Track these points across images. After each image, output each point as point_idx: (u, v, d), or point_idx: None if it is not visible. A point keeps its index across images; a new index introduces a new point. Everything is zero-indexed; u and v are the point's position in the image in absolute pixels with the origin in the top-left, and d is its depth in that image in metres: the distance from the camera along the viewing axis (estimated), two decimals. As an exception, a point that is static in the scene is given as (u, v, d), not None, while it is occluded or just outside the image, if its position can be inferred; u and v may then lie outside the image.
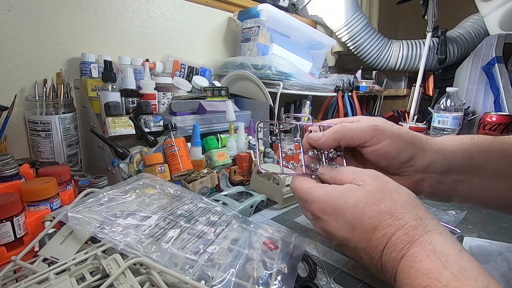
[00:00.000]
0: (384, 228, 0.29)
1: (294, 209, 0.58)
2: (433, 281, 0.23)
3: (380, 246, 0.29)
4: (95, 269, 0.30)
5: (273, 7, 0.99)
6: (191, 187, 0.57)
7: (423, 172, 0.37)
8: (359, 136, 0.37)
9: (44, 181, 0.42)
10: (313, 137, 0.40)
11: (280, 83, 0.90)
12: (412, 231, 0.28)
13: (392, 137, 0.36)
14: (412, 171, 0.37)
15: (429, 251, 0.25)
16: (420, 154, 0.36)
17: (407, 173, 0.37)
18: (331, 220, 0.33)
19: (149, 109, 0.68)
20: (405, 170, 0.37)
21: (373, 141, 0.36)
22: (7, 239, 0.35)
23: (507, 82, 1.09)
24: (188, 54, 1.01)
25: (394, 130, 0.36)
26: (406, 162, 0.36)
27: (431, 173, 0.37)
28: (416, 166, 0.37)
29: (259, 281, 0.31)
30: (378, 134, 0.36)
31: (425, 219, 0.29)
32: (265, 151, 0.76)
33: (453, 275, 0.23)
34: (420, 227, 0.28)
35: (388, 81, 1.50)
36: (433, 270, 0.24)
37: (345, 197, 0.32)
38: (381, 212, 0.29)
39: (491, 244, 0.44)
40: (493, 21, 1.20)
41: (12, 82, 0.67)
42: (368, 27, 1.34)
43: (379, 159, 0.37)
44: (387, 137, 0.36)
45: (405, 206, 0.29)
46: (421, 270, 0.25)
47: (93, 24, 0.78)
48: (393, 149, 0.36)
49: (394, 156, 0.36)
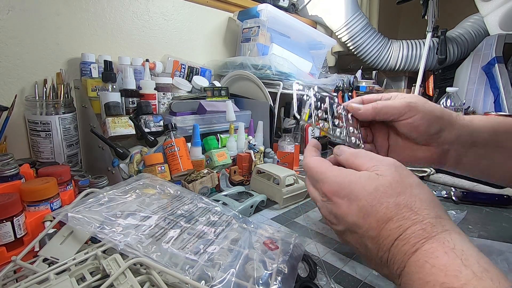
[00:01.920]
0: (400, 220, 0.28)
1: (294, 209, 0.58)
2: (451, 278, 0.23)
3: (391, 237, 0.28)
4: (95, 269, 0.30)
5: (273, 7, 0.99)
6: (191, 187, 0.57)
7: (450, 144, 0.41)
8: (393, 112, 0.40)
9: (44, 181, 0.42)
10: (353, 105, 0.43)
11: (280, 83, 0.89)
12: (429, 227, 0.27)
13: (423, 111, 0.39)
14: (440, 142, 0.41)
15: (447, 248, 0.25)
16: (449, 127, 0.40)
17: (435, 144, 0.41)
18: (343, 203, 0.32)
19: (149, 109, 0.68)
20: (434, 141, 0.41)
21: (405, 116, 0.40)
22: (7, 239, 0.35)
23: (507, 82, 1.09)
24: (188, 54, 1.01)
25: (426, 106, 0.40)
26: (435, 133, 0.40)
27: (457, 145, 0.41)
28: (443, 138, 0.40)
29: (259, 281, 0.31)
30: (411, 110, 0.39)
31: (444, 219, 0.28)
32: (265, 151, 0.76)
33: (474, 274, 0.23)
34: (439, 225, 0.27)
35: (388, 81, 1.50)
36: (451, 267, 0.23)
37: (363, 183, 0.31)
38: (399, 204, 0.29)
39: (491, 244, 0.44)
40: (493, 21, 1.20)
41: (12, 82, 0.67)
42: (368, 27, 1.34)
43: (411, 131, 0.40)
44: (419, 111, 0.39)
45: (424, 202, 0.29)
46: (438, 266, 0.24)
47: (93, 24, 0.78)
48: (424, 122, 0.39)
49: (424, 129, 0.40)
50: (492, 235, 0.50)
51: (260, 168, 0.63)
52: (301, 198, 0.62)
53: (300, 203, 0.61)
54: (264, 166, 0.64)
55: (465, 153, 0.41)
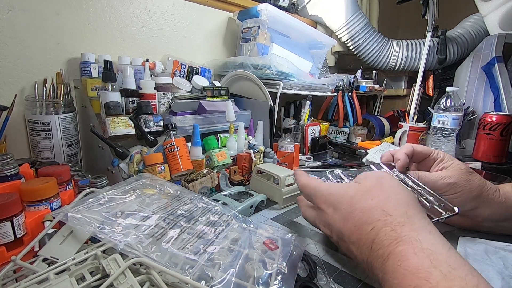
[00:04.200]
0: (373, 222, 0.29)
1: (294, 209, 0.58)
2: (422, 281, 0.23)
3: (368, 240, 0.29)
4: (95, 269, 0.30)
5: (273, 7, 0.98)
6: (191, 187, 0.57)
7: (483, 219, 0.44)
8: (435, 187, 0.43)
9: (44, 181, 0.42)
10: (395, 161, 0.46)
11: (280, 83, 0.89)
12: (399, 227, 0.28)
13: (462, 191, 0.42)
14: (474, 216, 0.44)
15: (417, 248, 0.25)
16: (483, 206, 0.43)
17: (469, 217, 0.44)
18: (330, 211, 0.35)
19: (149, 109, 0.68)
20: (467, 214, 0.43)
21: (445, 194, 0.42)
22: (7, 239, 0.35)
23: (507, 82, 1.08)
24: (188, 54, 1.01)
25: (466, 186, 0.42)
26: (468, 210, 0.43)
27: (491, 221, 0.44)
28: (477, 213, 0.43)
29: (259, 281, 0.31)
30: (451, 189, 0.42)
31: (414, 217, 0.29)
32: (265, 151, 0.76)
33: (442, 274, 0.23)
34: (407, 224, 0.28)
35: (388, 81, 1.50)
36: (421, 269, 0.24)
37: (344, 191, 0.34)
38: (372, 208, 0.30)
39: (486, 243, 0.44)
40: (493, 21, 1.19)
41: (12, 82, 0.67)
42: (368, 27, 1.34)
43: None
44: (457, 191, 0.42)
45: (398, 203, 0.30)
46: (410, 269, 0.24)
47: (93, 24, 0.78)
48: (460, 201, 0.42)
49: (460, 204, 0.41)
50: (492, 235, 0.50)
51: (260, 168, 0.63)
52: (301, 198, 0.62)
53: (300, 203, 0.61)
54: (264, 166, 0.64)
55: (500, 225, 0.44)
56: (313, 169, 0.47)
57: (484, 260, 0.40)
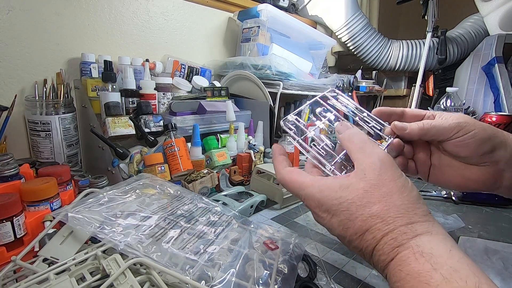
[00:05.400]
0: (373, 232, 0.29)
1: (294, 209, 0.58)
2: (423, 284, 0.23)
3: (370, 247, 0.29)
4: (95, 269, 0.30)
5: (273, 7, 0.99)
6: (191, 187, 0.57)
7: (505, 163, 0.37)
8: (443, 132, 0.37)
9: (44, 181, 0.42)
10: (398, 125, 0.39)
11: (280, 83, 0.89)
12: (400, 236, 0.27)
13: (474, 130, 0.36)
14: (494, 161, 0.37)
15: (417, 253, 0.25)
16: (503, 145, 0.37)
17: (488, 164, 0.37)
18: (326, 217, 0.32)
19: (149, 109, 0.68)
20: (486, 160, 0.37)
21: (455, 136, 0.37)
22: (7, 239, 0.35)
23: (507, 82, 1.09)
24: (188, 54, 1.01)
25: (477, 124, 0.37)
26: (488, 152, 0.37)
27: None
28: (497, 157, 0.37)
29: (259, 281, 0.31)
30: (462, 129, 0.36)
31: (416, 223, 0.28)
32: (265, 151, 0.76)
33: (443, 277, 0.23)
34: (409, 232, 0.27)
35: (388, 81, 1.50)
36: (423, 273, 0.24)
37: (339, 198, 0.31)
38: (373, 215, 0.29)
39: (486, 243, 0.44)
40: (493, 21, 1.20)
41: (12, 82, 0.67)
42: (368, 27, 1.34)
43: (460, 149, 0.37)
44: (470, 130, 0.36)
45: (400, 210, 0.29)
46: (411, 273, 0.25)
47: (93, 24, 0.78)
48: (477, 140, 0.36)
49: (476, 146, 0.36)
50: (492, 235, 0.50)
51: (260, 168, 0.63)
52: (301, 198, 0.62)
53: (300, 203, 0.61)
54: (264, 166, 0.64)
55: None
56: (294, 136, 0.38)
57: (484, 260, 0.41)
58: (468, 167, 0.38)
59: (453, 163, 0.39)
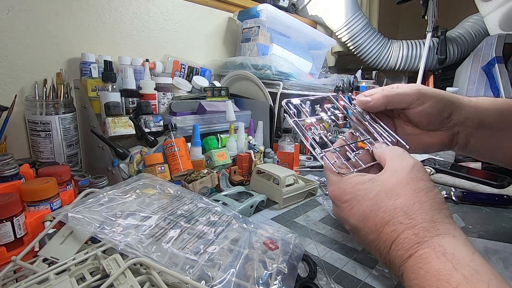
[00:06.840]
0: (395, 224, 0.28)
1: (294, 209, 0.58)
2: (443, 283, 0.23)
3: (388, 241, 0.29)
4: (95, 269, 0.30)
5: (273, 7, 0.99)
6: (191, 187, 0.57)
7: (459, 126, 0.41)
8: (406, 99, 0.40)
9: (44, 181, 0.42)
10: (362, 99, 0.43)
11: (280, 83, 0.89)
12: (422, 232, 0.27)
13: (435, 97, 0.39)
14: (450, 125, 0.41)
15: (439, 253, 0.25)
16: (458, 110, 0.40)
17: (445, 128, 0.41)
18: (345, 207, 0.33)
19: (149, 109, 0.68)
20: (444, 125, 0.41)
21: (418, 103, 0.40)
22: (7, 239, 0.35)
23: (507, 82, 1.09)
24: (188, 54, 1.01)
25: (436, 92, 0.40)
26: (446, 118, 0.40)
27: (465, 127, 0.41)
28: (454, 121, 0.41)
29: (259, 281, 0.31)
30: (424, 96, 0.39)
31: (440, 222, 0.28)
32: (265, 151, 0.76)
33: (464, 277, 0.23)
34: (432, 229, 0.27)
35: (388, 81, 1.50)
36: (443, 272, 0.24)
37: (367, 188, 0.32)
38: (396, 208, 0.29)
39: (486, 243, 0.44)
40: (493, 21, 1.19)
41: (12, 82, 0.67)
42: (368, 27, 1.34)
43: (423, 118, 0.41)
44: (431, 97, 0.39)
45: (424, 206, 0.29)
46: (431, 271, 0.24)
47: (93, 24, 0.78)
48: (436, 109, 0.39)
49: (437, 115, 0.40)
50: (492, 235, 0.50)
51: (260, 168, 0.63)
52: (301, 198, 0.62)
53: (300, 203, 0.61)
54: (264, 166, 0.64)
55: (473, 134, 0.41)
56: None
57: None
58: (429, 133, 0.42)
59: (415, 131, 0.43)
